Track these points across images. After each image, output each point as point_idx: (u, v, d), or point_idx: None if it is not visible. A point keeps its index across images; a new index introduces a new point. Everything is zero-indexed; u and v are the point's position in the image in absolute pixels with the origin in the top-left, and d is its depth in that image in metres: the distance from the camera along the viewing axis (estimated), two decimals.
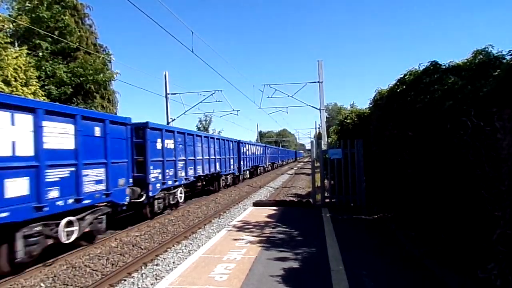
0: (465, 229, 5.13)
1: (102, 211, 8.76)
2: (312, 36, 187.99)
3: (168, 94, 24.87)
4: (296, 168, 51.64)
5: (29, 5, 18.33)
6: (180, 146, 13.94)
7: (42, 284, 6.17)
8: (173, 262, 7.08)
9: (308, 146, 75.57)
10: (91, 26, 23.40)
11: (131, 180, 9.98)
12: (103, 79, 19.74)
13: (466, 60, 6.15)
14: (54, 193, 6.92)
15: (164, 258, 7.46)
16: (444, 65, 6.65)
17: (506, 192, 3.52)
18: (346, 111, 15.22)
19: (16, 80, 13.34)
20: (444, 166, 5.55)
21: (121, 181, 9.45)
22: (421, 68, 7.11)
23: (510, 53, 5.10)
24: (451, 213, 5.54)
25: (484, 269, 3.74)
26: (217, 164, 18.75)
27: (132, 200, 10.15)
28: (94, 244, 8.54)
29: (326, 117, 30.25)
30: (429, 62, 6.94)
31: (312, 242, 7.04)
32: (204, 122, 63.99)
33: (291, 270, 5.36)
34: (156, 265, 7.01)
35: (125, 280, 6.26)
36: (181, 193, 13.84)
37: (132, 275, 6.50)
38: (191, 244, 8.60)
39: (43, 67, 17.48)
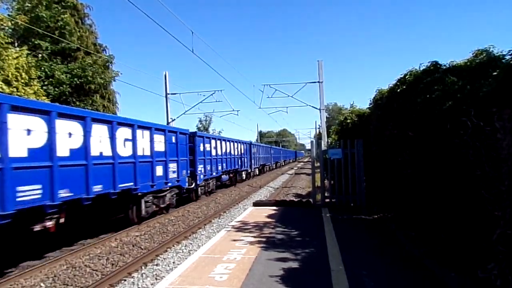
0: (465, 229, 5.13)
1: (175, 191, 13.35)
2: (312, 36, 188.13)
3: (168, 94, 24.87)
4: (296, 168, 51.65)
5: (29, 5, 18.34)
6: (213, 148, 18.98)
7: (42, 284, 6.17)
8: (173, 262, 7.09)
9: (308, 146, 75.47)
10: (91, 26, 23.40)
11: (188, 172, 14.66)
12: (103, 81, 19.74)
13: (466, 60, 6.15)
14: (157, 177, 11.57)
15: (164, 258, 7.46)
16: (445, 65, 6.65)
17: (506, 192, 3.52)
18: (346, 111, 15.22)
19: (17, 80, 13.34)
20: (444, 166, 5.55)
21: (184, 172, 14.03)
22: (421, 68, 7.11)
23: (510, 53, 5.09)
24: (451, 213, 5.54)
25: (484, 269, 3.74)
26: (236, 162, 23.71)
27: (187, 187, 14.74)
28: (94, 244, 8.54)
29: (326, 117, 30.25)
30: (429, 62, 6.94)
31: (312, 242, 7.04)
32: (204, 122, 64.11)
33: (291, 270, 5.36)
34: (156, 265, 7.02)
35: (125, 280, 6.26)
36: (213, 184, 18.70)
37: (132, 275, 6.50)
38: (191, 244, 8.60)
39: (43, 67, 17.48)
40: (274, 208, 11.45)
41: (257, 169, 28.63)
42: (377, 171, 9.68)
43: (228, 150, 21.73)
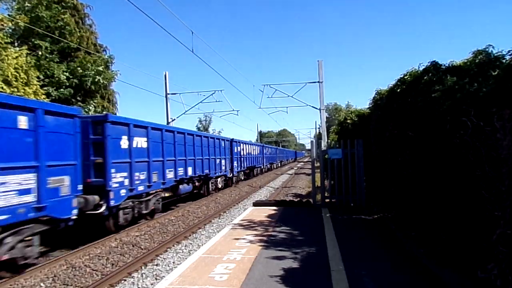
0: (465, 229, 5.13)
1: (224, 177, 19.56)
2: (312, 36, 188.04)
3: (168, 94, 24.89)
4: (296, 168, 51.66)
5: (29, 4, 18.33)
6: (241, 149, 23.84)
7: (42, 284, 6.17)
8: (173, 262, 7.09)
9: (308, 146, 75.59)
10: (91, 26, 23.39)
11: (230, 166, 21.00)
12: (103, 81, 19.73)
13: (466, 60, 6.15)
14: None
15: (164, 258, 7.46)
16: (444, 65, 6.65)
17: (506, 192, 3.52)
18: (345, 111, 15.24)
19: (17, 80, 13.34)
20: (444, 166, 5.55)
21: (228, 166, 20.35)
22: (421, 68, 7.12)
23: (510, 53, 5.10)
24: (451, 213, 5.54)
25: (484, 269, 3.74)
26: (254, 160, 26.29)
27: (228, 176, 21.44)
28: (94, 244, 8.54)
29: (326, 117, 30.27)
30: (429, 62, 6.95)
31: (312, 242, 7.04)
32: (204, 122, 64.17)
33: (291, 270, 5.36)
34: (156, 265, 7.02)
35: (125, 280, 6.26)
36: (242, 174, 23.71)
37: (132, 275, 6.50)
38: (191, 244, 8.60)
39: (42, 68, 17.48)
40: (274, 208, 11.46)
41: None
42: (377, 171, 9.68)
43: (249, 151, 28.11)
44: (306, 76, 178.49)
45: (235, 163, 22.85)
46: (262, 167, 35.23)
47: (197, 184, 16.07)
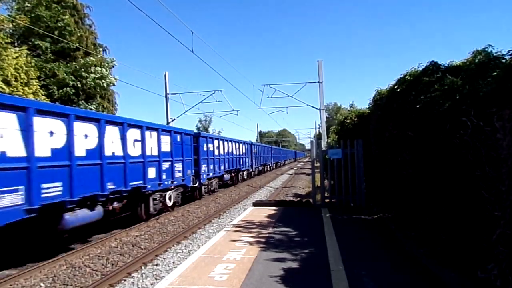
0: (465, 229, 5.13)
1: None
2: (312, 36, 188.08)
3: (168, 94, 24.88)
4: (296, 168, 51.65)
5: (29, 5, 18.34)
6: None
7: (42, 284, 6.17)
8: (173, 262, 7.08)
9: (308, 146, 75.55)
10: (91, 26, 23.41)
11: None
12: (104, 84, 19.76)
13: (465, 60, 6.15)
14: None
15: (164, 258, 7.46)
16: (444, 65, 6.65)
17: (506, 192, 3.52)
18: (346, 112, 15.23)
19: (16, 80, 13.34)
20: (444, 166, 5.55)
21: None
22: (420, 68, 7.11)
23: (509, 53, 5.09)
24: (451, 213, 5.54)
25: (484, 269, 3.74)
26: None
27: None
28: (94, 244, 8.54)
29: (326, 117, 30.27)
30: (428, 62, 6.94)
31: (312, 242, 7.04)
32: (204, 122, 64.13)
33: (291, 270, 5.36)
34: (156, 265, 7.01)
35: (125, 280, 6.26)
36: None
37: (132, 275, 6.50)
38: (191, 244, 8.60)
39: (43, 68, 17.48)
40: (274, 208, 11.45)
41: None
42: (377, 171, 9.68)
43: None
44: (306, 76, 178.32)
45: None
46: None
47: (232, 175, 17.41)
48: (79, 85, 18.52)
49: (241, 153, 25.84)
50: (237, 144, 24.71)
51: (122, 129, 9.67)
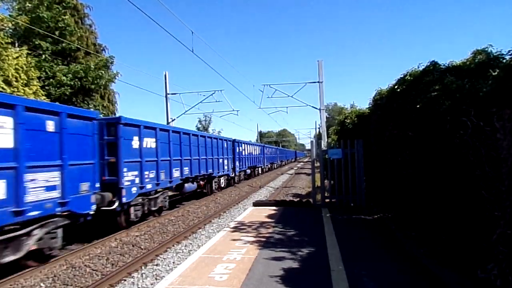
0: (465, 229, 5.13)
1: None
2: (312, 36, 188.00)
3: (168, 94, 24.89)
4: (296, 168, 51.65)
5: (29, 5, 18.33)
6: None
7: (42, 284, 6.17)
8: (173, 262, 7.08)
9: (308, 146, 75.47)
10: (91, 26, 23.39)
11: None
12: (104, 82, 19.73)
13: (465, 60, 6.16)
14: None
15: (164, 258, 7.46)
16: (444, 65, 6.66)
17: (506, 192, 3.52)
18: (347, 112, 15.23)
19: (17, 81, 13.33)
20: (444, 166, 5.54)
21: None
22: (421, 68, 7.12)
23: (510, 53, 5.10)
24: (451, 213, 5.54)
25: (484, 269, 3.74)
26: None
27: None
28: (94, 244, 8.54)
29: (326, 117, 30.25)
30: (429, 62, 6.96)
31: (312, 242, 7.04)
32: (204, 122, 64.05)
33: (291, 270, 5.36)
34: (156, 265, 7.01)
35: (125, 280, 6.25)
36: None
37: (132, 275, 6.49)
38: (191, 244, 8.59)
39: (43, 68, 17.48)
40: (274, 208, 11.45)
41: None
42: (377, 171, 9.68)
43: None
44: (306, 76, 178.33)
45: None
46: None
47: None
48: (78, 84, 18.50)
49: (257, 153, 32.30)
50: (254, 146, 31.86)
51: (204, 140, 16.77)
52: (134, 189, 10.00)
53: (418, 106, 6.24)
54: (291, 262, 5.73)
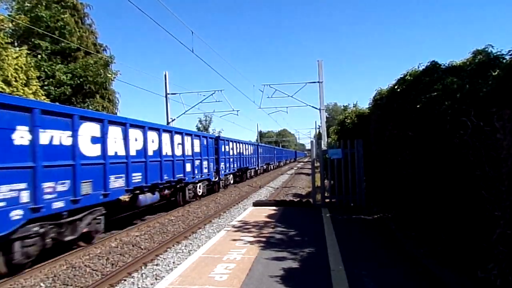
0: (465, 229, 5.13)
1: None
2: (312, 36, 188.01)
3: (168, 94, 24.88)
4: (296, 168, 51.66)
5: (28, 4, 18.32)
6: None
7: (42, 284, 6.17)
8: (173, 262, 7.08)
9: (308, 146, 75.65)
10: (91, 26, 23.38)
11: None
12: (104, 80, 19.71)
13: (466, 60, 6.16)
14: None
15: (164, 258, 7.46)
16: (444, 65, 6.66)
17: (506, 192, 3.52)
18: (348, 111, 15.22)
19: (16, 81, 13.33)
20: (444, 166, 5.55)
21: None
22: (421, 68, 7.12)
23: (510, 53, 5.10)
24: (451, 213, 5.54)
25: (484, 269, 3.74)
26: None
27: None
28: (93, 244, 8.54)
29: (326, 117, 30.26)
30: (429, 62, 6.95)
31: (312, 242, 7.04)
32: (204, 122, 64.04)
33: (291, 270, 5.36)
34: (156, 265, 7.01)
35: (125, 280, 6.26)
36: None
37: (132, 275, 6.50)
38: (191, 244, 8.60)
39: (43, 68, 17.47)
40: (274, 208, 11.45)
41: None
42: (377, 171, 9.68)
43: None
44: (306, 76, 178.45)
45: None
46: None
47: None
48: (78, 82, 18.49)
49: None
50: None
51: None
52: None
53: (418, 106, 6.24)
54: (291, 262, 5.73)
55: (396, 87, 7.74)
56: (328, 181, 11.69)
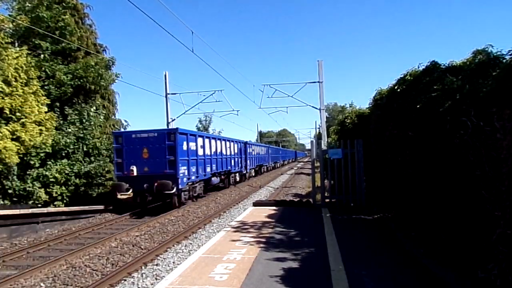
0: (465, 229, 5.13)
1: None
2: (312, 36, 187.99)
3: (168, 94, 24.89)
4: (296, 168, 51.66)
5: (29, 5, 18.32)
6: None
7: (42, 284, 6.17)
8: (173, 262, 7.08)
9: (308, 146, 75.60)
10: (91, 26, 23.34)
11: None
12: (104, 84, 19.72)
13: (466, 60, 6.16)
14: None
15: (164, 258, 7.46)
16: (444, 65, 6.66)
17: (506, 192, 3.52)
18: (348, 111, 15.23)
19: (16, 80, 13.32)
20: (444, 166, 5.55)
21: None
22: (421, 68, 7.12)
23: (510, 53, 5.09)
24: (451, 213, 5.54)
25: (484, 269, 3.74)
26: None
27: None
28: (94, 244, 8.55)
29: (326, 117, 30.26)
30: (429, 62, 6.95)
31: (312, 242, 7.04)
32: (204, 122, 64.02)
33: (291, 270, 5.36)
34: (156, 265, 7.01)
35: (125, 280, 6.26)
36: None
37: (132, 275, 6.50)
38: (191, 244, 8.60)
39: (43, 68, 17.46)
40: (274, 208, 11.45)
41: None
42: (377, 171, 9.68)
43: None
44: (306, 76, 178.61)
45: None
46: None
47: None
48: (78, 83, 18.48)
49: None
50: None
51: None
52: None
53: (418, 106, 6.24)
54: (291, 262, 5.73)
55: (396, 87, 7.74)
56: (328, 181, 11.69)
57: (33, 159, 13.92)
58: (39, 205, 12.84)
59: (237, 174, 23.73)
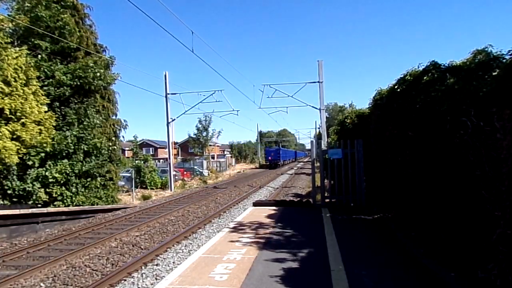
0: (465, 229, 5.13)
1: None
2: (312, 36, 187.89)
3: (168, 94, 24.90)
4: (296, 168, 51.70)
5: (28, 4, 18.31)
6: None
7: (42, 284, 6.17)
8: (173, 262, 7.09)
9: (308, 146, 76.36)
10: (91, 26, 23.32)
11: None
12: (104, 83, 19.71)
13: (465, 60, 6.15)
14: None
15: (164, 258, 7.46)
16: (444, 65, 6.65)
17: (506, 192, 3.52)
18: (347, 111, 15.23)
19: (16, 80, 13.32)
20: (444, 166, 5.55)
21: None
22: (421, 68, 7.11)
23: (510, 53, 5.09)
24: (451, 213, 5.54)
25: (484, 269, 3.74)
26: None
27: None
28: (94, 244, 8.55)
29: (326, 117, 30.26)
30: (429, 62, 6.94)
31: (312, 242, 7.04)
32: (204, 122, 64.07)
33: (291, 270, 5.36)
34: (156, 265, 7.01)
35: (125, 280, 6.26)
36: None
37: (132, 275, 6.50)
38: (191, 244, 8.60)
39: (42, 68, 17.46)
40: (274, 208, 11.45)
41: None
42: (377, 171, 9.68)
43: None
44: (306, 76, 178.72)
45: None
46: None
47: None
48: (78, 83, 18.47)
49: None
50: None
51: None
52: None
53: (418, 106, 6.24)
54: (291, 262, 5.73)
55: (396, 87, 7.73)
56: (328, 181, 11.69)
57: (33, 159, 13.93)
58: (39, 205, 12.85)
59: (287, 160, 48.27)
